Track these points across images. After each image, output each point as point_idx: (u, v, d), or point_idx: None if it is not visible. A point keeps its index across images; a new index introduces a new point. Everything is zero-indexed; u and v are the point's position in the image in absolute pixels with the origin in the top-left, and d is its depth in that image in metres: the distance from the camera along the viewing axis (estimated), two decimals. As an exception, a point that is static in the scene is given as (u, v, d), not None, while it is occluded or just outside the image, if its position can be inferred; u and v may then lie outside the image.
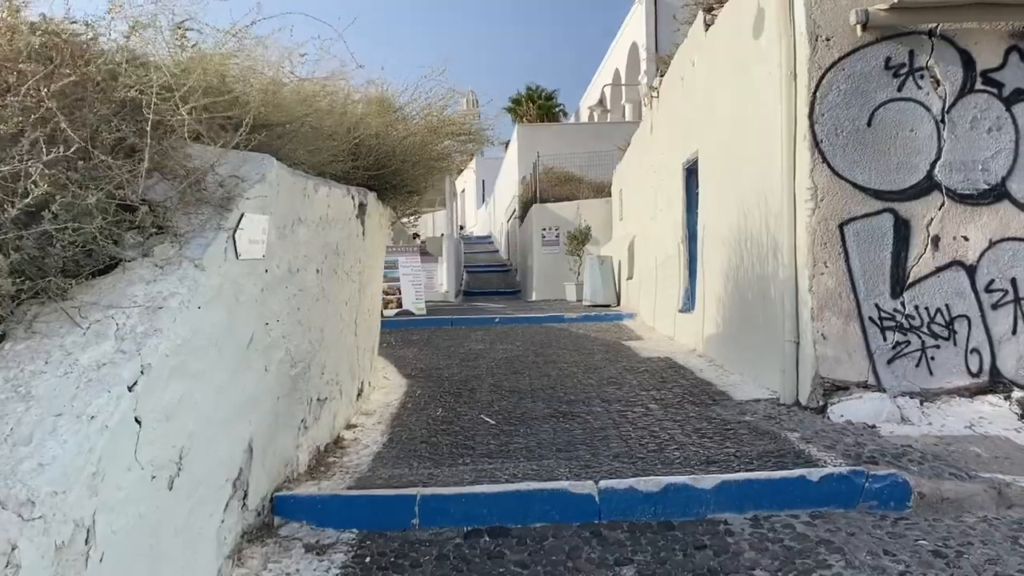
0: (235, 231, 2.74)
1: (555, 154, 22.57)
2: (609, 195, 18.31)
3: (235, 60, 3.21)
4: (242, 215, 2.79)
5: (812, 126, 5.27)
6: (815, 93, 5.28)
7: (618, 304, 14.72)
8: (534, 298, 20.13)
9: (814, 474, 3.82)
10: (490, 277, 27.91)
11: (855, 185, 5.25)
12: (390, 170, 5.12)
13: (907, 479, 3.80)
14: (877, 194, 5.25)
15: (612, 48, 29.03)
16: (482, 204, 45.77)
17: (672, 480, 3.75)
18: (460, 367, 7.80)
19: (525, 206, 23.10)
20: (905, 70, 5.24)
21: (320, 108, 3.86)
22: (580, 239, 17.86)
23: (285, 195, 3.30)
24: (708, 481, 3.75)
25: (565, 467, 4.10)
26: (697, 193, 8.72)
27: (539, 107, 37.75)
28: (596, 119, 29.25)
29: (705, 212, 8.36)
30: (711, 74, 7.97)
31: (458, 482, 3.88)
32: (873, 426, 4.83)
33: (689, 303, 9.25)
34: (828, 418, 5.01)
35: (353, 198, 4.64)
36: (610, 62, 29.19)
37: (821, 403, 5.17)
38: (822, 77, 5.27)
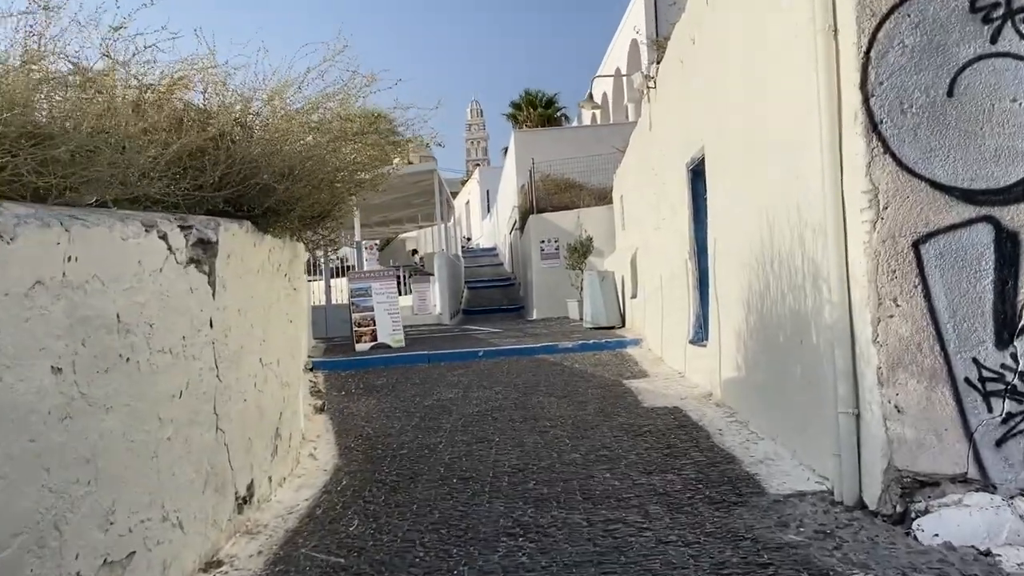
0: None
1: (554, 159, 20.92)
2: (611, 202, 16.64)
3: None
4: None
5: (866, 100, 3.61)
6: (868, 52, 3.62)
7: (623, 324, 13.04)
8: (534, 316, 18.44)
9: None
10: (492, 293, 26.17)
11: (934, 184, 3.58)
12: (254, 188, 3.51)
13: None
14: (967, 195, 3.57)
15: (612, 44, 27.39)
16: (487, 215, 44.09)
17: None
18: (416, 432, 6.17)
19: (524, 216, 21.44)
20: (1000, 12, 3.57)
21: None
22: (581, 251, 16.18)
23: None
24: None
25: (497, 677, 2.47)
26: (706, 199, 7.07)
27: (539, 113, 36.18)
28: (598, 119, 27.52)
29: (716, 222, 6.70)
30: (717, 50, 6.32)
31: None
32: (988, 553, 3.16)
33: (701, 333, 7.57)
34: (915, 537, 3.32)
35: (166, 237, 3.01)
36: (611, 60, 27.53)
37: (899, 508, 3.49)
38: (877, 28, 3.61)
